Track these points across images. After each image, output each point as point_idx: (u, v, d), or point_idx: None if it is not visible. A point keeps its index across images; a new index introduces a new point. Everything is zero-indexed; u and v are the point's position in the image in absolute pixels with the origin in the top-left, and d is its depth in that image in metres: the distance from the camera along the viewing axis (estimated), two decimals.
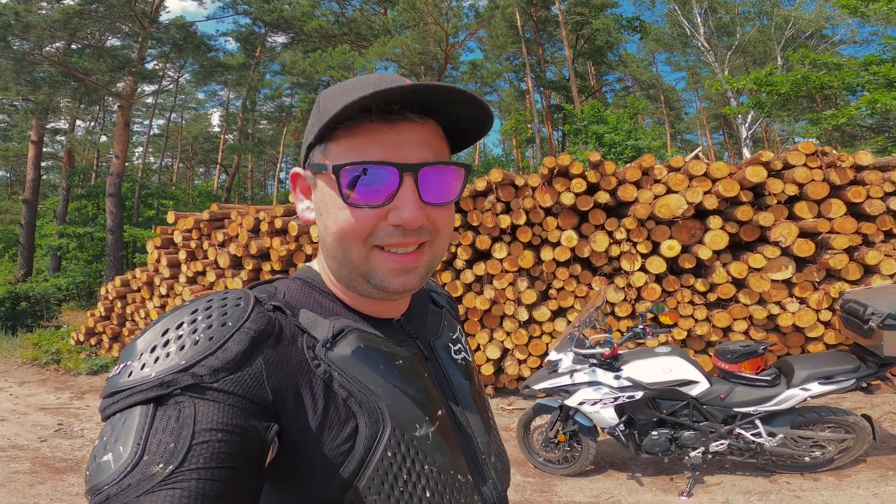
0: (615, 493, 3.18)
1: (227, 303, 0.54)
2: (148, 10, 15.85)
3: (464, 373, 0.71)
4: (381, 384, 0.56)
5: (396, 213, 0.56)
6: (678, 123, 34.02)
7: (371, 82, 0.57)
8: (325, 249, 0.62)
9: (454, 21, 13.97)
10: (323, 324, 0.58)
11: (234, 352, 0.49)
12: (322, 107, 0.59)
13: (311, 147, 0.60)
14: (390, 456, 0.54)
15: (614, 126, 11.31)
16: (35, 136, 18.51)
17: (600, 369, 3.20)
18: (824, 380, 2.95)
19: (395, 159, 0.55)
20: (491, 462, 0.68)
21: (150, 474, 0.41)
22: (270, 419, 0.50)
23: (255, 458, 0.47)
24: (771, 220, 4.71)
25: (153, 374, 0.47)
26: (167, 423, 0.44)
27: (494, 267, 5.56)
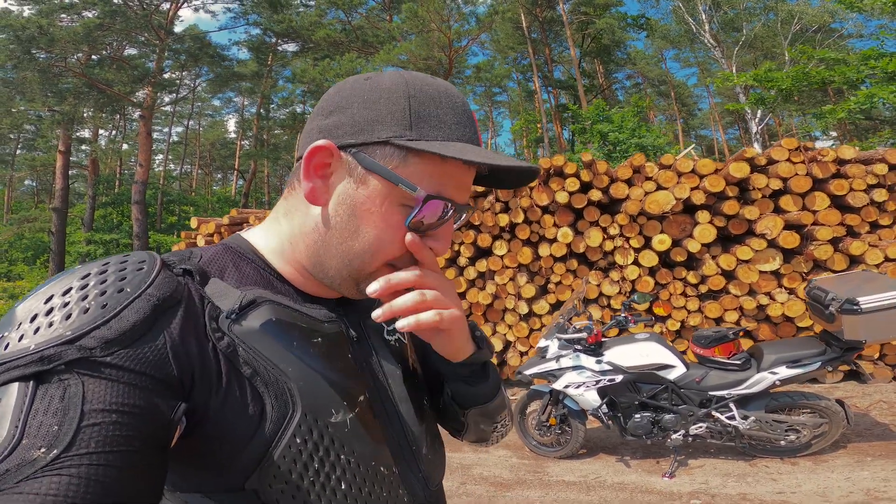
0: (602, 474, 3.44)
1: (127, 266, 0.48)
2: (163, 22, 16.45)
3: (396, 356, 0.67)
4: (292, 362, 0.52)
5: (434, 242, 0.56)
6: (691, 119, 33.78)
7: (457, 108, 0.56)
8: (332, 244, 0.56)
9: (456, 27, 14.25)
10: (232, 293, 0.53)
11: (132, 321, 0.44)
12: (416, 105, 0.53)
13: (384, 142, 0.53)
14: (299, 443, 0.50)
15: (619, 125, 11.46)
16: (62, 146, 19.33)
17: (584, 354, 3.47)
18: (791, 363, 3.15)
19: (458, 199, 0.56)
20: (422, 453, 0.64)
21: (30, 459, 0.37)
22: (176, 397, 0.46)
23: (159, 440, 0.43)
24: (756, 214, 4.91)
25: (32, 345, 0.41)
26: (49, 404, 0.39)
27: (495, 263, 5.85)
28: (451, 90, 0.57)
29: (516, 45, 19.89)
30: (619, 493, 3.10)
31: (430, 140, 0.52)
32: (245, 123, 28.37)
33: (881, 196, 4.72)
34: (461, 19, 14.35)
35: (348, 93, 0.56)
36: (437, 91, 0.55)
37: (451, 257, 6.12)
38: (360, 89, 0.55)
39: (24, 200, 34.31)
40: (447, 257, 6.08)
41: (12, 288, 16.03)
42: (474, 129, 0.57)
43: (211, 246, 0.59)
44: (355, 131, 0.54)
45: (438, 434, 0.72)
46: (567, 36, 17.41)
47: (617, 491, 3.14)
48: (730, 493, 2.94)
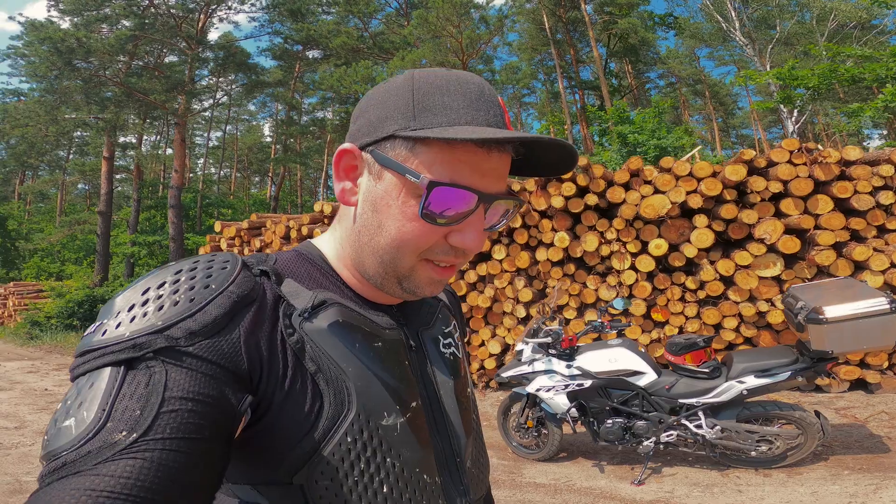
0: (574, 478, 3.46)
1: (214, 265, 0.52)
2: (194, 33, 17.22)
3: (450, 368, 0.67)
4: (353, 363, 0.54)
5: (461, 236, 0.55)
6: (731, 118, 32.61)
7: (471, 92, 0.55)
8: (366, 244, 0.58)
9: (467, 32, 14.29)
10: (305, 294, 0.56)
11: (214, 315, 0.47)
12: (420, 96, 0.54)
13: (392, 137, 0.54)
14: (350, 441, 0.52)
15: (639, 126, 11.24)
16: (106, 153, 20.46)
17: (556, 359, 3.50)
18: (760, 373, 3.08)
19: (481, 187, 0.54)
20: (466, 466, 0.64)
21: (112, 442, 0.39)
22: (245, 390, 0.48)
23: (226, 430, 0.45)
24: (754, 218, 4.79)
25: (127, 333, 0.45)
26: (136, 389, 0.42)
27: (494, 267, 5.91)
28: (465, 77, 0.56)
29: (540, 47, 19.73)
30: (582, 498, 3.12)
31: (434, 127, 0.52)
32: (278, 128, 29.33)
33: (888, 199, 4.53)
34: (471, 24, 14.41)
35: (368, 97, 0.59)
36: (447, 80, 0.56)
37: None
38: (377, 92, 0.58)
39: (76, 203, 36.32)
40: None
41: (60, 287, 17.10)
42: (494, 112, 0.55)
43: (285, 251, 0.63)
44: (370, 131, 0.56)
45: (484, 450, 0.72)
46: (590, 36, 17.16)
47: (582, 495, 3.16)
48: (688, 502, 2.93)
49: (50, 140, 20.47)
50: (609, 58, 20.00)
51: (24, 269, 26.69)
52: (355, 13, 17.50)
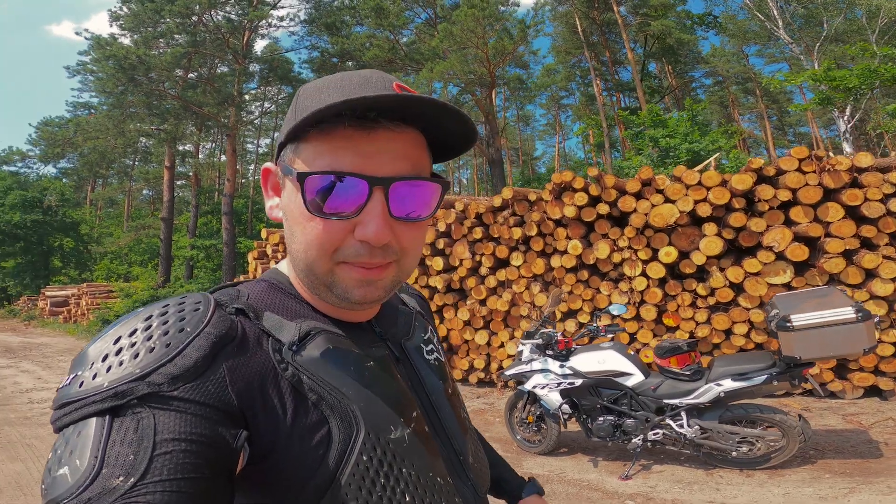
0: (567, 471, 3.74)
1: (185, 307, 0.52)
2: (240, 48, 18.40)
3: (437, 373, 0.70)
4: (352, 386, 0.55)
5: (362, 228, 0.53)
6: (787, 116, 31.18)
7: (353, 83, 0.54)
8: (290, 254, 0.59)
9: (492, 43, 14.53)
10: (289, 326, 0.56)
11: (194, 358, 0.47)
12: (299, 104, 0.56)
13: (284, 145, 0.56)
14: (366, 460, 0.53)
15: (673, 129, 11.14)
16: (168, 162, 22.07)
17: (551, 359, 3.80)
18: (737, 376, 3.25)
19: (366, 170, 0.52)
20: (469, 462, 0.67)
21: (111, 487, 0.39)
22: (238, 426, 0.48)
23: (225, 468, 0.46)
24: (763, 226, 4.88)
25: (106, 383, 0.44)
26: (125, 435, 0.42)
27: (512, 273, 6.23)
28: (355, 73, 0.56)
29: (573, 49, 19.68)
30: (569, 488, 3.41)
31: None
32: None
33: None
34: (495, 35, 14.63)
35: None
36: (329, 80, 0.56)
37: (472, 267, 6.58)
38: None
39: (142, 209, 38.95)
40: (469, 266, 6.55)
41: (128, 287, 18.60)
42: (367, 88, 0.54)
43: (254, 282, 0.63)
44: (279, 146, 0.58)
45: (479, 444, 0.76)
46: (624, 38, 17.02)
47: (569, 486, 3.44)
48: (665, 497, 3.14)
49: (118, 150, 22.25)
50: (646, 59, 19.71)
51: (96, 270, 29.00)
52: (385, 26, 18.15)
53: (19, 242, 27.26)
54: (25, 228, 26.53)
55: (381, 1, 17.31)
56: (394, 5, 17.57)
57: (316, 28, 20.19)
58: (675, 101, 20.16)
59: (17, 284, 27.90)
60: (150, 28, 17.18)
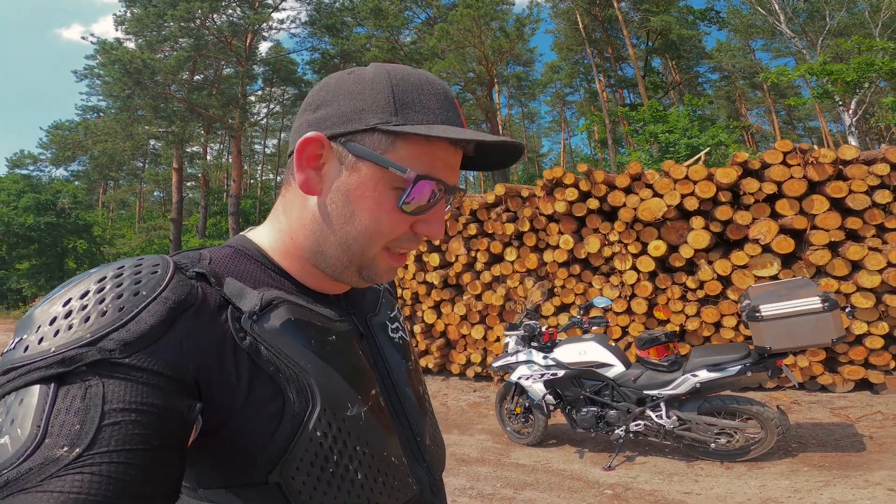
0: (552, 462, 3.83)
1: (142, 269, 0.49)
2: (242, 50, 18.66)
3: (400, 351, 0.70)
4: (311, 359, 0.54)
5: (427, 225, 0.58)
6: (796, 111, 30.87)
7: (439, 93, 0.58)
8: (328, 232, 0.59)
9: (489, 42, 14.56)
10: (251, 294, 0.54)
11: (149, 324, 0.45)
12: (400, 93, 0.56)
13: (372, 130, 0.55)
14: (319, 436, 0.52)
15: (673, 125, 11.13)
16: (176, 164, 22.40)
17: (535, 350, 3.90)
18: (712, 367, 3.32)
19: (450, 181, 0.58)
20: (426, 444, 0.68)
21: (54, 457, 0.38)
22: (192, 397, 0.47)
23: (176, 439, 0.45)
24: (748, 219, 4.94)
25: (52, 348, 0.43)
26: (71, 403, 0.41)
27: (507, 268, 6.33)
28: (432, 78, 0.60)
29: (576, 46, 19.62)
30: (550, 477, 3.51)
31: (416, 124, 0.54)
32: None
33: (884, 198, 4.56)
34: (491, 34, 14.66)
35: (334, 87, 0.58)
36: (419, 79, 0.58)
37: (468, 262, 6.69)
38: (345, 82, 0.58)
39: (153, 210, 39.47)
40: (464, 262, 6.66)
41: None
42: (457, 112, 0.59)
43: (218, 247, 0.61)
44: (343, 121, 0.56)
45: (437, 427, 0.76)
46: (625, 34, 16.95)
47: (551, 475, 3.55)
48: (643, 488, 3.23)
49: (127, 153, 22.61)
50: (649, 55, 19.59)
51: None
52: (384, 27, 18.28)
53: (34, 245, 27.79)
54: (39, 231, 27.03)
55: (380, 2, 17.46)
56: (392, 6, 17.69)
57: (317, 30, 20.40)
58: (680, 97, 20.03)
59: (32, 286, 28.43)
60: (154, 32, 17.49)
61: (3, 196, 27.01)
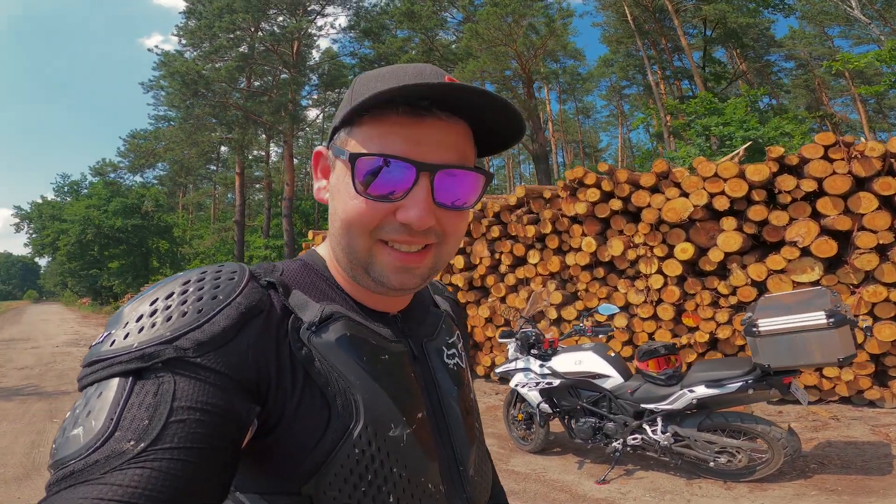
0: (548, 470, 3.69)
1: (221, 275, 0.52)
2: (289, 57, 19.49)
3: (454, 378, 0.68)
4: (360, 376, 0.54)
5: (405, 211, 0.54)
6: (886, 99, 27.74)
7: (408, 73, 0.56)
8: (331, 234, 0.60)
9: (520, 40, 14.15)
10: (313, 306, 0.56)
11: (222, 326, 0.47)
12: (355, 91, 0.57)
13: (337, 129, 0.58)
14: (357, 453, 0.52)
15: (729, 117, 10.33)
16: (238, 168, 23.79)
17: (533, 358, 3.78)
18: (711, 383, 3.05)
19: (414, 156, 0.53)
20: (469, 475, 0.65)
21: (120, 451, 0.39)
22: (253, 400, 0.48)
23: (233, 440, 0.46)
24: (784, 219, 4.52)
25: (136, 343, 0.45)
26: (144, 398, 0.42)
27: (529, 271, 6.20)
28: (409, 65, 0.58)
29: (625, 39, 18.66)
30: (539, 487, 3.39)
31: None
32: None
33: None
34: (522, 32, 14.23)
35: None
36: (385, 70, 0.57)
37: (492, 265, 6.62)
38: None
39: (227, 211, 42.04)
40: (488, 264, 6.59)
41: None
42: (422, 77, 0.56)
43: (291, 261, 0.63)
44: (330, 131, 0.60)
45: (487, 458, 0.74)
46: (676, 24, 15.91)
47: (541, 485, 3.42)
48: None
49: (193, 159, 24.24)
50: (708, 44, 18.29)
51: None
52: (417, 30, 18.38)
53: (122, 245, 30.48)
54: (127, 232, 29.58)
55: (412, 5, 17.57)
56: (425, 8, 17.76)
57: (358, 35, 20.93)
58: (750, 87, 18.56)
59: (121, 283, 31.27)
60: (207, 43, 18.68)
61: (94, 200, 29.85)
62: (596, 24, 21.02)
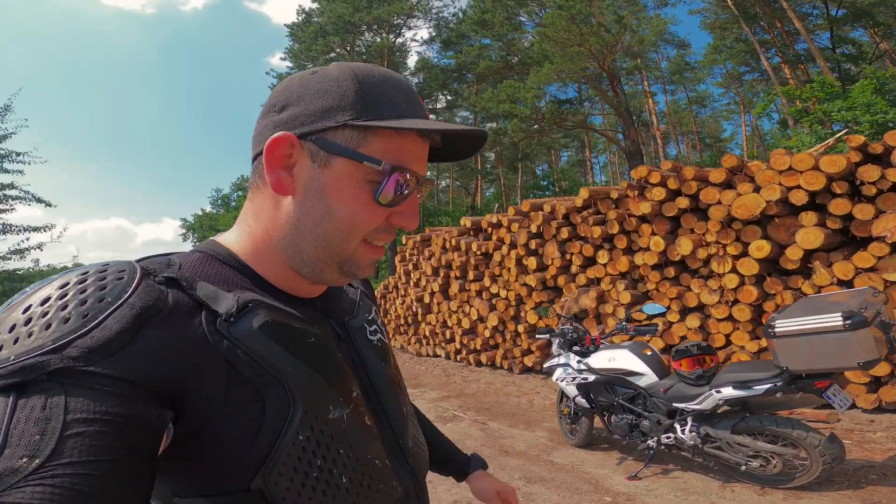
0: (585, 463, 3.71)
1: (107, 275, 0.48)
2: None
3: (379, 354, 0.69)
4: (290, 362, 0.53)
5: (403, 217, 0.58)
6: None
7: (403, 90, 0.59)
8: (305, 230, 0.57)
9: (593, 39, 13.39)
10: (226, 297, 0.52)
11: (114, 330, 0.44)
12: (365, 90, 0.56)
13: (341, 126, 0.55)
14: (302, 440, 0.51)
15: (854, 101, 9.01)
16: None
17: (573, 354, 3.92)
18: (739, 384, 2.94)
19: (421, 172, 0.59)
20: (408, 447, 0.67)
21: (14, 468, 0.37)
22: (163, 405, 0.45)
23: (146, 448, 0.43)
24: (870, 213, 4.10)
25: (12, 356, 0.41)
26: (31, 413, 0.39)
27: (599, 271, 6.21)
28: (394, 74, 0.61)
29: (730, 25, 16.77)
30: (568, 477, 3.48)
31: (385, 118, 0.55)
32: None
33: None
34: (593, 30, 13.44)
35: (297, 88, 0.58)
36: (383, 75, 0.59)
37: (563, 265, 6.70)
38: (310, 82, 0.57)
39: None
40: (558, 265, 6.68)
41: None
42: (421, 106, 0.61)
43: (188, 252, 0.60)
44: (313, 120, 0.55)
45: (419, 428, 0.76)
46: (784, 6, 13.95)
47: (571, 475, 3.51)
48: (647, 501, 3.03)
49: None
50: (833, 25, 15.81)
51: None
52: (491, 37, 18.41)
53: None
54: None
55: (483, 14, 17.68)
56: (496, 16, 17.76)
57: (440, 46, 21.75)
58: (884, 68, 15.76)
59: None
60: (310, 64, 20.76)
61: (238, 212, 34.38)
62: (693, 11, 19.40)
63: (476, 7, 18.73)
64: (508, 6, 18.02)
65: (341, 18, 19.52)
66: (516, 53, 18.89)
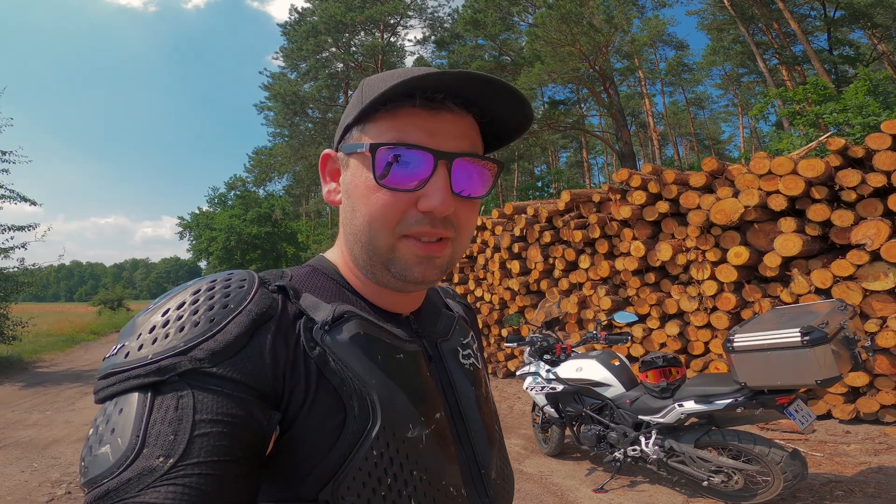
0: (555, 474, 3.64)
1: (231, 283, 0.52)
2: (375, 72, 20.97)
3: (470, 378, 0.67)
4: (376, 375, 0.53)
5: (427, 199, 0.54)
6: None
7: (416, 71, 0.55)
8: (349, 233, 0.60)
9: (583, 39, 13.27)
10: (324, 307, 0.55)
11: (234, 334, 0.47)
12: (365, 91, 0.57)
13: (349, 128, 0.59)
14: (376, 455, 0.50)
15: (846, 103, 8.89)
16: None
17: (542, 362, 3.83)
18: (700, 398, 2.87)
19: (432, 146, 0.54)
20: (490, 477, 0.63)
21: (151, 468, 0.40)
22: (272, 407, 0.48)
23: (256, 449, 0.46)
24: (849, 219, 4.01)
25: (150, 355, 0.45)
26: (166, 413, 0.42)
27: (580, 276, 6.12)
28: (414, 68, 0.58)
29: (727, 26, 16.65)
30: (535, 488, 3.40)
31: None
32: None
33: None
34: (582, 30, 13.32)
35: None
36: (389, 73, 0.57)
37: (546, 269, 6.61)
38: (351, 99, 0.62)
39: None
40: (541, 269, 6.60)
41: None
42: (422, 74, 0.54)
43: (299, 266, 0.64)
44: (339, 133, 0.61)
45: (508, 460, 0.72)
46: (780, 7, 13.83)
47: (537, 486, 3.43)
48: None
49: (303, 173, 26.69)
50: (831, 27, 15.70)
51: None
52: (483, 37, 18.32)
53: (258, 250, 34.61)
54: (262, 238, 33.51)
55: (475, 14, 17.60)
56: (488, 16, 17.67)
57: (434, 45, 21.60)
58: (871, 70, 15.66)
59: None
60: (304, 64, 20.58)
61: (236, 210, 34.22)
62: (691, 12, 19.31)
63: (469, 7, 18.68)
64: (501, 6, 17.97)
65: (333, 18, 19.48)
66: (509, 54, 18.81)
